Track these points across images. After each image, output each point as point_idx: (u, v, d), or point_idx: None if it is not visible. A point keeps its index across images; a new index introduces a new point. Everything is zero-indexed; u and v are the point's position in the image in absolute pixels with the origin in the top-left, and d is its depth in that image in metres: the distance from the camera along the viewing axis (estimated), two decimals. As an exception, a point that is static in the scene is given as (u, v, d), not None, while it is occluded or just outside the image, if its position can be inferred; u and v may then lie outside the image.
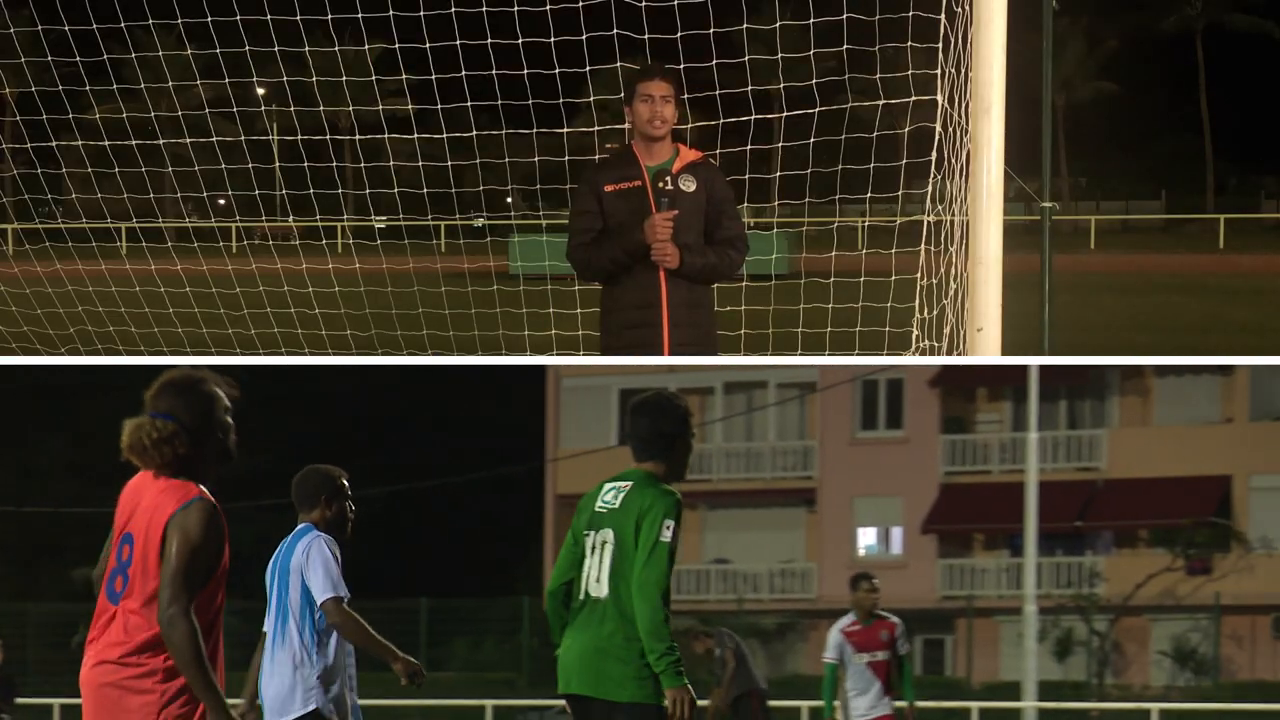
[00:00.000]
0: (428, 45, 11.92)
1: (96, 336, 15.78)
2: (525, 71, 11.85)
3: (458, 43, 11.55)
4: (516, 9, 10.91)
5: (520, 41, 11.15)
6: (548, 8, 10.66)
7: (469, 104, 11.89)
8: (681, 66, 9.35)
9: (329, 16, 12.68)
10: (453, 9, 11.24)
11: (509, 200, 69.20)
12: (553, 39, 11.02)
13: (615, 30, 10.68)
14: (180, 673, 3.97)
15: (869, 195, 12.08)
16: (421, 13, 11.57)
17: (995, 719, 19.21)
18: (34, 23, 13.20)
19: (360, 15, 12.11)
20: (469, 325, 16.21)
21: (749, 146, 11.34)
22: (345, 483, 5.90)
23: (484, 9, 11.12)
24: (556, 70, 11.72)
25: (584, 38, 10.79)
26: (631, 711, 4.80)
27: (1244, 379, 24.52)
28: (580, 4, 10.45)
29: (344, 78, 14.01)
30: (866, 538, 26.46)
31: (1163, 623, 24.34)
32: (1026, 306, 10.73)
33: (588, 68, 11.36)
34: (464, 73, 11.65)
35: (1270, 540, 24.06)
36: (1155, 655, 24.33)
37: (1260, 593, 23.95)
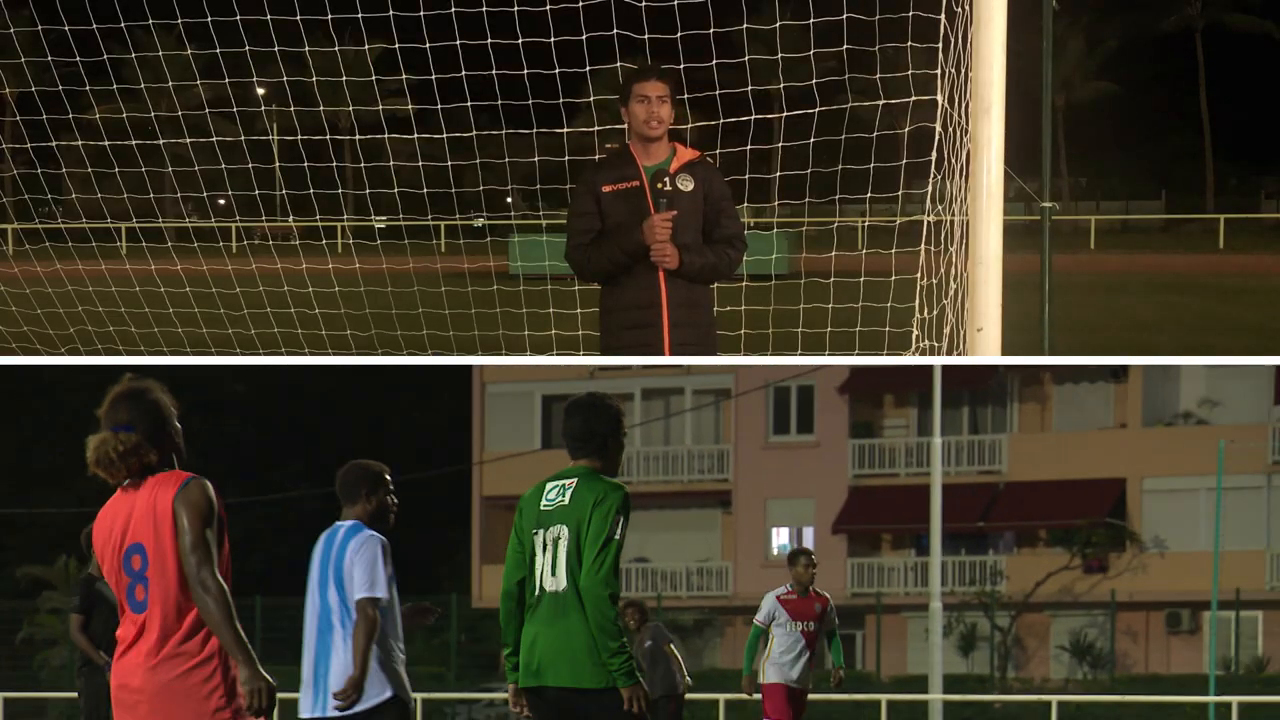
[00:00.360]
0: (428, 45, 11.92)
1: (96, 336, 15.78)
2: (525, 71, 11.85)
3: (458, 43, 11.55)
4: (516, 9, 10.91)
5: (520, 41, 11.14)
6: (548, 8, 10.66)
7: (469, 104, 11.89)
8: (681, 66, 9.36)
9: (329, 16, 12.68)
10: (453, 9, 11.24)
11: (509, 200, 69.21)
12: (553, 39, 11.02)
13: (615, 30, 10.68)
14: (215, 634, 4.22)
15: (869, 195, 12.07)
16: (421, 13, 11.57)
17: (903, 711, 20.04)
18: (34, 23, 13.20)
19: (360, 15, 12.11)
20: (469, 325, 16.21)
21: (749, 146, 11.33)
22: (388, 476, 6.06)
23: (484, 9, 11.12)
24: (556, 70, 11.72)
25: (584, 38, 10.79)
26: (603, 697, 4.97)
27: (1137, 386, 25.71)
28: (580, 4, 10.44)
29: (344, 78, 14.01)
30: (780, 537, 27.49)
31: (1061, 618, 25.54)
32: (1026, 306, 10.73)
33: (588, 68, 11.36)
34: (464, 73, 11.65)
35: (1162, 540, 25.24)
36: (1054, 649, 25.51)
37: (1153, 590, 25.04)
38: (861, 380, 26.67)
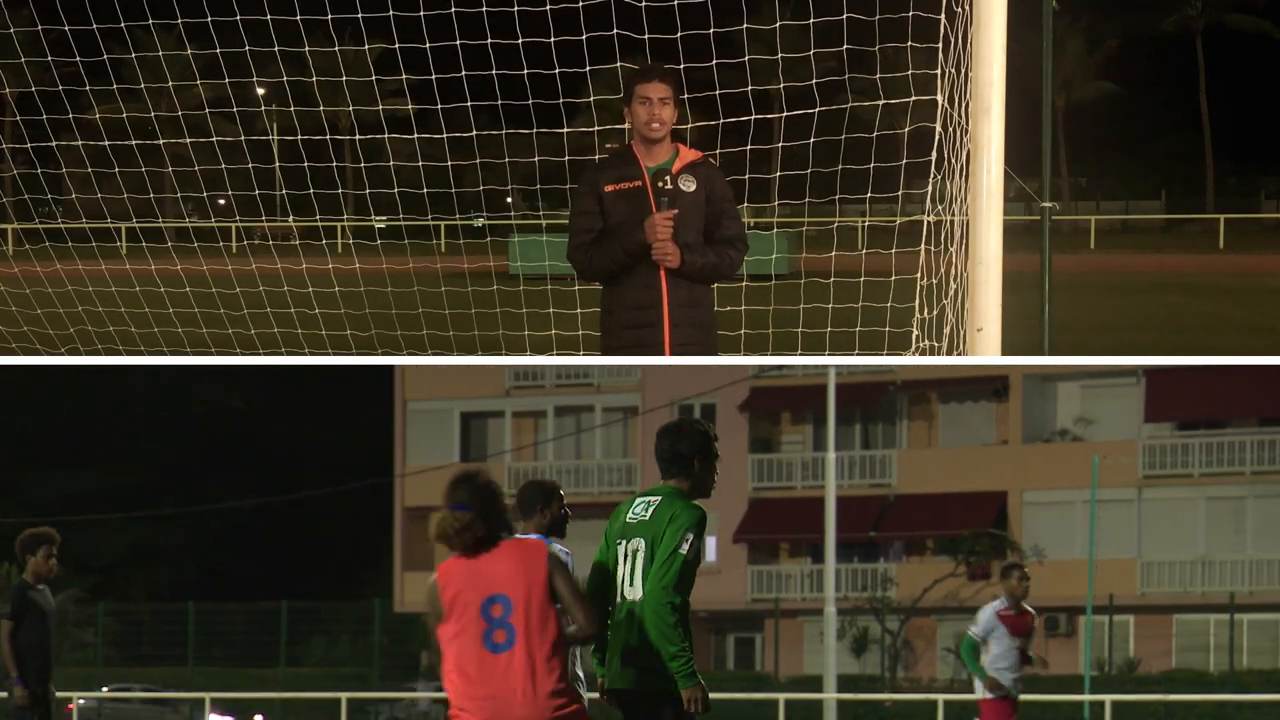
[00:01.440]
0: (428, 45, 11.91)
1: (96, 336, 15.78)
2: (525, 71, 11.84)
3: (458, 43, 11.54)
4: (516, 9, 10.90)
5: (520, 41, 11.14)
6: (548, 8, 10.65)
7: (469, 104, 11.89)
8: (681, 66, 9.35)
9: (329, 16, 12.68)
10: (453, 9, 11.24)
11: (509, 200, 69.21)
12: (553, 39, 11.02)
13: (615, 30, 10.68)
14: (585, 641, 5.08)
15: (869, 195, 12.07)
16: (421, 13, 11.56)
17: (799, 709, 21.24)
18: (34, 23, 13.20)
19: (360, 15, 12.10)
20: (469, 325, 16.21)
21: (749, 146, 11.33)
22: (561, 491, 6.54)
23: (484, 9, 11.11)
24: (556, 70, 11.72)
25: (584, 38, 10.78)
26: (662, 701, 5.21)
27: (1017, 404, 27.49)
28: (580, 4, 10.44)
29: (344, 78, 14.00)
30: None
31: (947, 622, 26.92)
32: (1026, 306, 10.73)
33: (588, 68, 11.35)
34: (464, 73, 11.65)
35: (1041, 549, 26.56)
36: (941, 651, 26.96)
37: (1032, 596, 25.96)
38: (760, 399, 28.45)
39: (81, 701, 22.30)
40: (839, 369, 20.73)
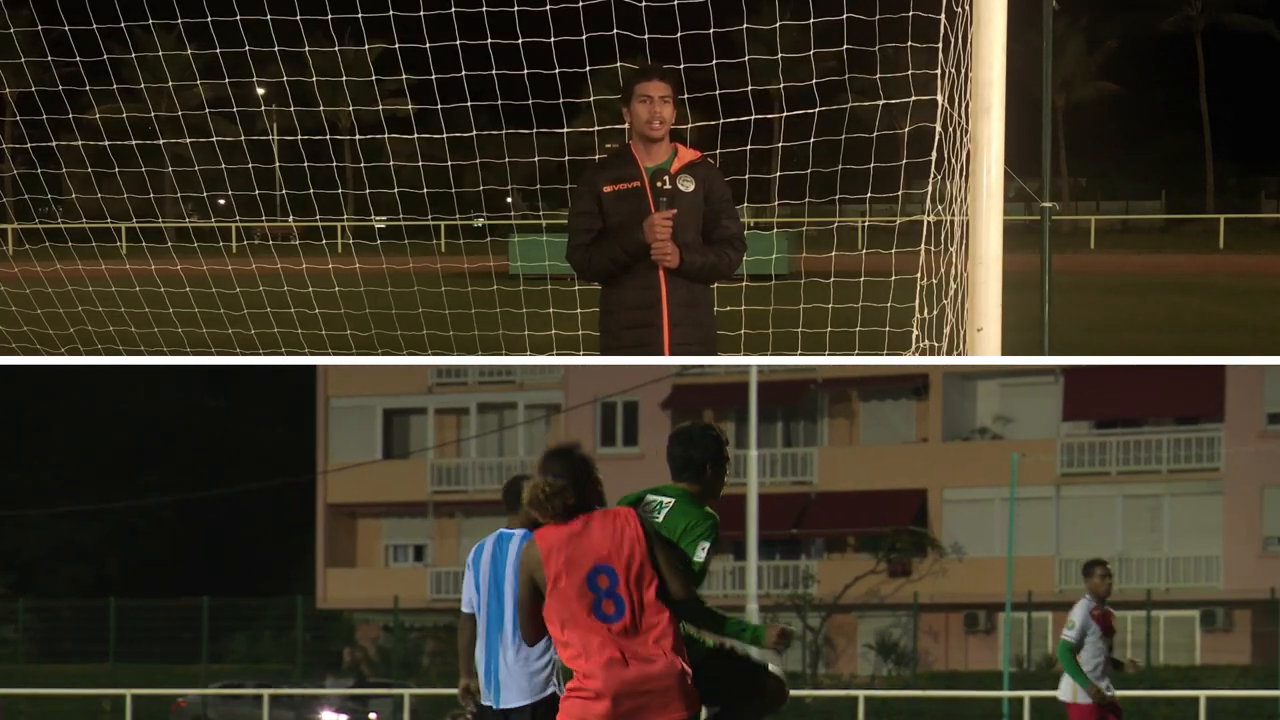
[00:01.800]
0: (428, 45, 11.91)
1: (96, 336, 15.78)
2: (525, 71, 11.84)
3: (458, 43, 11.54)
4: (516, 9, 10.90)
5: (520, 41, 11.14)
6: (548, 8, 10.65)
7: (469, 104, 11.88)
8: (681, 66, 9.35)
9: (329, 16, 12.68)
10: (453, 9, 11.24)
11: (509, 200, 69.22)
12: (553, 39, 11.02)
13: (615, 30, 10.68)
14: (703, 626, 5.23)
15: (869, 195, 12.07)
16: (421, 13, 11.56)
17: None
18: (34, 23, 13.19)
19: (360, 15, 12.10)
20: (469, 325, 16.22)
21: (749, 146, 11.33)
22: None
23: (484, 9, 11.11)
24: (556, 70, 11.72)
25: (584, 38, 10.78)
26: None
27: (937, 403, 27.65)
28: (580, 4, 10.44)
29: (344, 78, 13.99)
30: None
31: (868, 619, 27.30)
32: (1026, 306, 10.74)
33: (588, 68, 11.35)
34: (464, 73, 11.65)
35: (961, 546, 26.98)
36: (862, 648, 27.19)
37: (952, 593, 26.84)
38: (683, 396, 28.51)
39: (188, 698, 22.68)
40: (760, 368, 20.99)
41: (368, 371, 30.37)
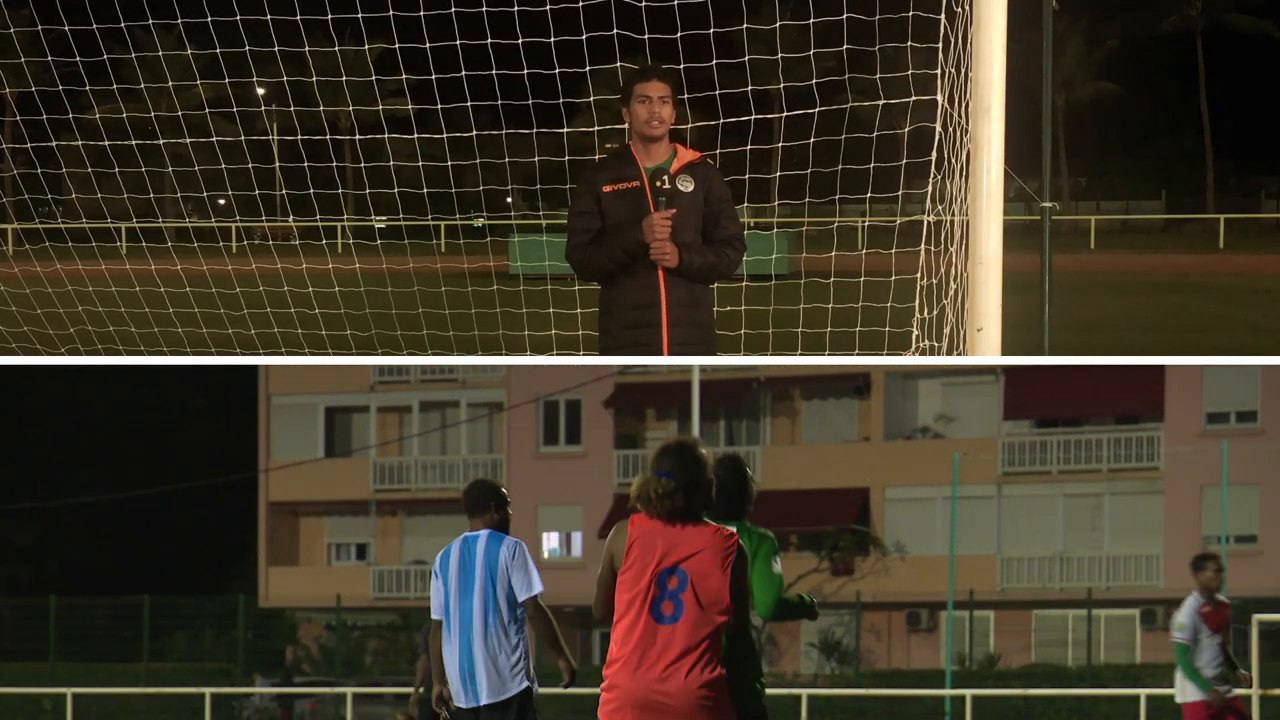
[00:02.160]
0: (428, 45, 11.91)
1: (96, 336, 15.78)
2: (525, 71, 11.84)
3: (458, 43, 11.54)
4: (516, 9, 10.90)
5: (520, 41, 11.14)
6: (548, 8, 10.65)
7: (469, 104, 11.88)
8: (681, 66, 9.35)
9: (329, 16, 12.67)
10: (453, 9, 11.24)
11: (509, 200, 69.22)
12: (553, 39, 11.01)
13: (615, 30, 10.68)
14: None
15: (869, 195, 12.07)
16: (421, 13, 11.56)
17: None
18: (34, 23, 13.19)
19: (360, 15, 12.10)
20: (469, 325, 16.22)
21: (749, 146, 11.32)
22: (505, 491, 6.67)
23: (484, 9, 11.11)
24: (556, 70, 11.72)
25: (584, 38, 10.78)
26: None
27: (879, 402, 27.91)
28: (580, 4, 10.44)
29: (344, 78, 13.99)
30: (550, 542, 29.41)
31: None
32: (1026, 306, 10.74)
33: (588, 68, 11.35)
34: (464, 73, 11.64)
35: (903, 545, 27.25)
36: (805, 646, 27.29)
37: (895, 591, 27.09)
38: (625, 395, 28.65)
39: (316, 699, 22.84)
40: (702, 367, 20.99)
41: (309, 370, 30.19)
